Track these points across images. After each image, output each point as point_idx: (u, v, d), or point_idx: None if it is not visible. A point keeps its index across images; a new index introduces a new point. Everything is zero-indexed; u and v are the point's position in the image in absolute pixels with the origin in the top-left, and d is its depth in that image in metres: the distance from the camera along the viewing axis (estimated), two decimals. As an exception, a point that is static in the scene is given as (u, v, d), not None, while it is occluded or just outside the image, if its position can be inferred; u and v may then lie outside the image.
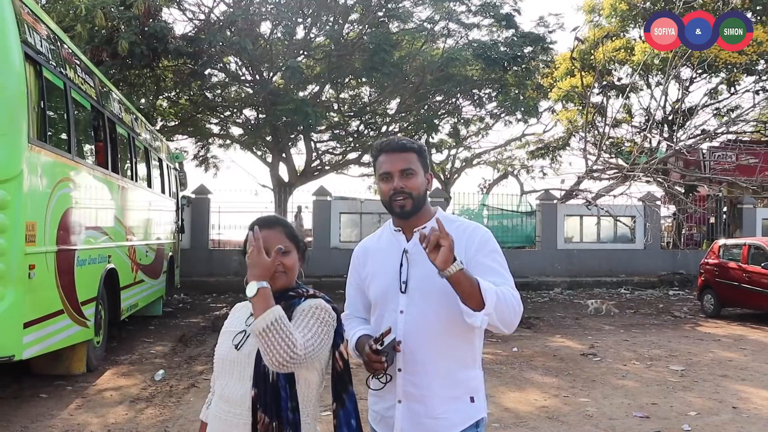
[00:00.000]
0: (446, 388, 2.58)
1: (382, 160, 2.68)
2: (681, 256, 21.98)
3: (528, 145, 30.60)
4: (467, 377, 2.63)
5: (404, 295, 2.60)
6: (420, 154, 2.69)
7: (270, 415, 2.30)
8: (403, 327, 2.58)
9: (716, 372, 9.02)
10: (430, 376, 2.57)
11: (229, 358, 2.41)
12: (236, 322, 2.48)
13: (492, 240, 2.67)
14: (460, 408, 2.59)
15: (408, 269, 2.62)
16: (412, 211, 2.64)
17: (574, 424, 6.57)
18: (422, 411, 2.58)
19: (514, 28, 22.14)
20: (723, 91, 24.73)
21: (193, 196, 20.03)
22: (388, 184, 2.64)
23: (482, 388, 2.69)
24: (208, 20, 18.82)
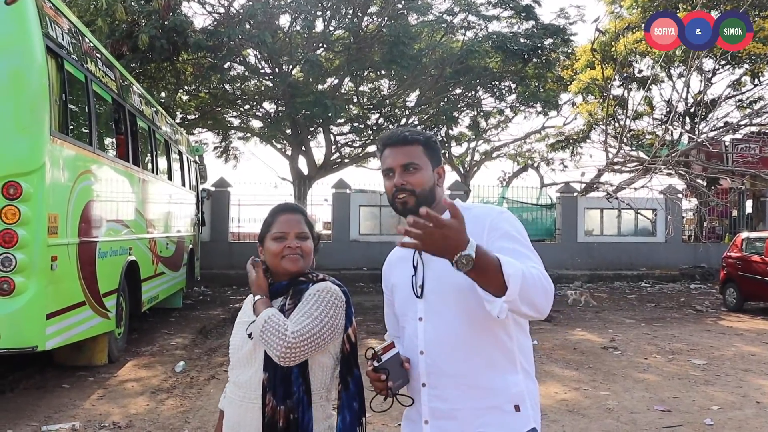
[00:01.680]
0: (480, 399, 2.26)
1: (386, 154, 2.43)
2: (703, 250, 21.78)
3: (548, 138, 30.43)
4: (506, 383, 2.28)
5: (421, 301, 2.35)
6: (426, 146, 2.42)
7: (278, 398, 2.35)
8: (424, 336, 2.33)
9: (739, 366, 8.93)
10: (460, 387, 2.28)
11: (243, 347, 2.45)
12: (249, 313, 2.50)
13: (507, 221, 2.36)
14: (500, 420, 2.25)
15: (423, 271, 2.36)
16: (415, 208, 2.24)
17: (594, 417, 6.53)
18: (453, 428, 2.27)
19: (534, 20, 22.03)
20: (746, 83, 24.44)
21: (213, 188, 20.14)
22: (391, 181, 2.39)
23: (531, 395, 2.33)
24: (227, 13, 18.86)
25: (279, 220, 2.49)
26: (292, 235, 2.46)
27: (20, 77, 6.10)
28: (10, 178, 5.90)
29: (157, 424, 6.28)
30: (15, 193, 5.89)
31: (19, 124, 6.03)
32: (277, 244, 2.46)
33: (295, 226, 2.47)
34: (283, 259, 2.44)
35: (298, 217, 2.52)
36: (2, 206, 5.87)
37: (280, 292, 2.46)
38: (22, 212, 5.92)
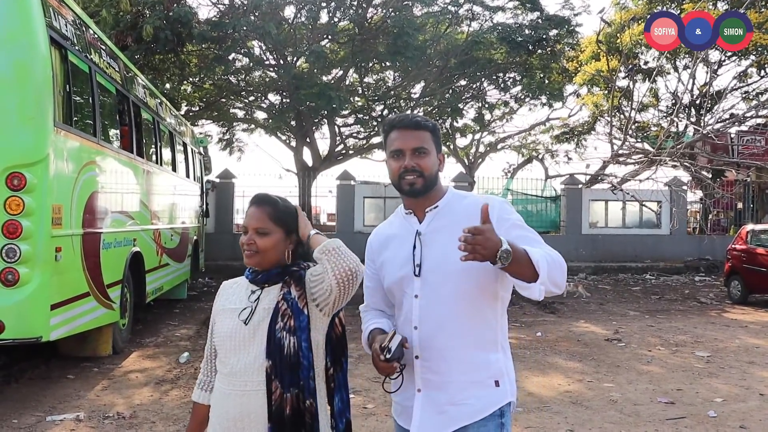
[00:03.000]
0: (467, 373, 2.47)
1: (393, 136, 2.56)
2: (707, 242, 21.73)
3: (553, 130, 30.40)
4: (489, 360, 2.49)
5: (418, 279, 2.50)
6: (434, 133, 2.57)
7: (285, 385, 2.35)
8: (419, 312, 2.49)
9: (743, 359, 8.93)
10: (448, 362, 2.47)
11: (238, 335, 2.43)
12: (235, 300, 2.51)
13: (509, 208, 2.56)
14: (483, 393, 2.47)
15: (421, 251, 2.51)
16: (422, 190, 2.52)
17: (598, 409, 6.54)
18: (443, 398, 2.47)
19: (539, 11, 21.94)
20: (753, 75, 24.41)
21: (218, 180, 20.16)
22: (399, 162, 2.52)
23: (508, 372, 2.55)
24: (232, 4, 18.82)
25: (247, 213, 2.51)
26: (251, 230, 2.46)
27: (24, 68, 6.09)
28: (14, 169, 5.89)
29: (161, 414, 6.31)
30: (19, 184, 5.89)
31: (23, 115, 6.03)
32: (242, 238, 2.50)
33: (255, 221, 2.47)
34: (243, 253, 2.48)
35: (262, 212, 2.48)
36: (6, 197, 5.88)
37: (273, 279, 2.46)
38: (26, 203, 5.92)
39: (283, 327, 2.37)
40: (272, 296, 2.44)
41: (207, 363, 2.64)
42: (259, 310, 2.43)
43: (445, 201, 2.58)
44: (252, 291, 2.48)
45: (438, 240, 2.48)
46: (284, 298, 2.42)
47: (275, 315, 2.39)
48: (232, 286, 2.60)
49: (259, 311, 2.42)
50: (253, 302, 2.44)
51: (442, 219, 2.54)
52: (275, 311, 2.40)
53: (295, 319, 2.39)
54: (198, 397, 2.64)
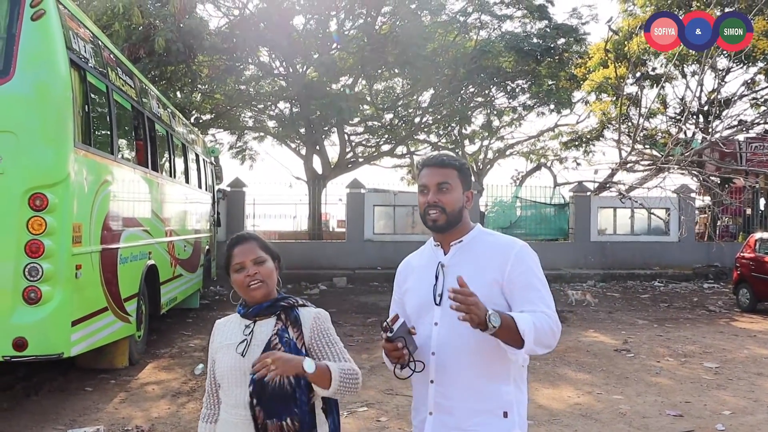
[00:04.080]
0: (476, 401, 2.59)
1: (423, 173, 2.73)
2: (716, 249, 21.75)
3: (561, 136, 30.48)
4: (500, 392, 2.61)
5: (439, 308, 2.64)
6: (460, 171, 2.73)
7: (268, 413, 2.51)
8: (437, 339, 2.63)
9: (751, 370, 9.00)
10: (460, 389, 2.60)
11: (237, 367, 2.58)
12: (230, 336, 2.68)
13: (529, 254, 2.69)
14: (490, 422, 2.58)
15: (444, 282, 2.65)
16: (444, 226, 2.68)
17: (607, 422, 6.64)
18: (451, 423, 2.60)
19: (546, 20, 22.08)
20: (761, 81, 24.41)
21: (229, 189, 20.33)
22: (425, 197, 2.69)
23: (518, 404, 2.66)
24: (242, 15, 19.01)
25: (234, 252, 2.68)
26: (248, 262, 2.63)
27: (46, 90, 6.25)
28: (36, 189, 6.05)
29: (179, 427, 6.45)
30: (41, 204, 6.04)
31: (45, 137, 6.18)
32: (239, 275, 2.65)
33: (249, 254, 2.65)
34: (248, 288, 2.63)
35: (251, 245, 2.68)
36: (29, 218, 6.03)
37: (263, 312, 2.63)
38: (48, 223, 6.08)
39: None
40: (266, 330, 2.61)
41: (209, 397, 2.79)
42: (253, 343, 2.59)
43: (470, 236, 2.73)
44: (246, 325, 2.65)
45: (459, 272, 2.58)
46: (278, 335, 2.58)
47: (267, 348, 2.54)
48: (226, 324, 2.77)
49: (253, 344, 2.58)
50: (247, 335, 2.61)
51: (466, 253, 2.70)
52: (267, 345, 2.56)
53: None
54: (204, 430, 2.78)
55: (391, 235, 21.13)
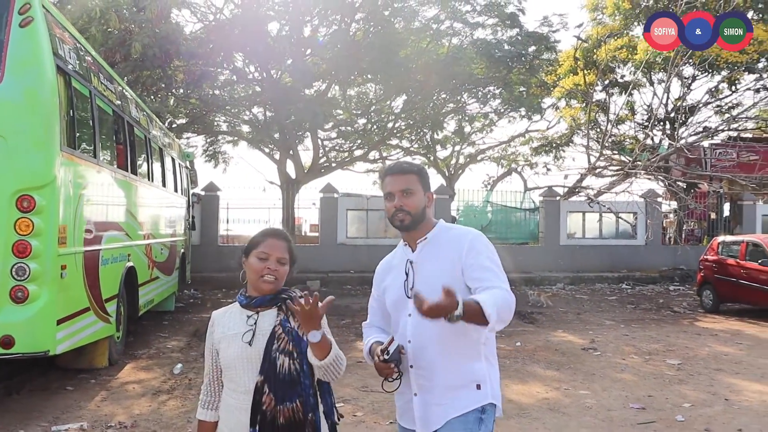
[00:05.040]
0: (451, 379, 2.93)
1: (387, 181, 3.05)
2: (681, 252, 22.30)
3: (532, 142, 30.93)
4: (472, 369, 2.95)
5: (411, 300, 2.90)
6: (420, 175, 3.06)
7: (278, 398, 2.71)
8: (412, 328, 2.98)
9: (711, 366, 9.40)
10: (436, 370, 2.94)
11: (244, 355, 2.78)
12: (233, 326, 2.86)
13: (481, 240, 3.00)
14: (465, 394, 2.92)
15: (413, 277, 3.00)
16: (410, 225, 3.01)
17: (573, 415, 6.95)
18: (432, 400, 2.95)
19: (518, 28, 22.44)
20: (724, 90, 25.01)
21: (203, 193, 20.43)
22: (391, 203, 3.01)
23: (491, 378, 2.99)
24: (218, 21, 19.14)
25: (266, 242, 2.87)
26: (273, 258, 2.83)
27: (34, 96, 6.43)
28: (24, 191, 6.23)
29: (161, 423, 6.63)
30: (29, 206, 6.23)
31: (33, 140, 6.36)
32: (259, 263, 2.83)
33: (278, 250, 2.85)
34: (261, 278, 2.82)
35: (283, 243, 2.89)
36: (16, 218, 6.20)
37: (266, 304, 2.84)
38: (35, 224, 6.26)
39: (278, 349, 2.74)
40: (268, 320, 2.82)
41: (210, 385, 2.98)
42: (258, 332, 2.80)
43: (433, 233, 3.06)
44: (248, 315, 2.86)
45: (426, 267, 2.99)
46: (282, 325, 2.80)
47: (271, 338, 2.77)
48: (225, 314, 2.96)
49: (258, 333, 2.80)
50: (252, 325, 2.82)
51: (430, 249, 3.03)
52: (272, 334, 2.77)
53: (296, 345, 2.76)
54: (205, 416, 2.98)
55: (364, 239, 21.38)
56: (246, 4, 18.96)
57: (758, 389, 8.10)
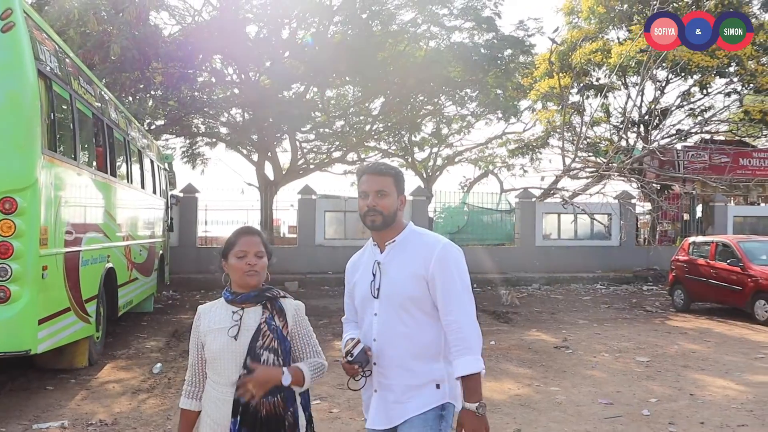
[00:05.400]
0: (410, 378, 3.03)
1: (363, 179, 3.12)
2: (655, 253, 22.69)
3: (508, 144, 31.22)
4: (431, 369, 3.04)
5: (377, 300, 3.08)
6: (396, 179, 3.12)
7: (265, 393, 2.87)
8: (377, 328, 3.08)
9: (679, 363, 9.67)
10: (396, 369, 3.04)
11: (229, 349, 2.95)
12: (219, 321, 3.03)
13: (451, 253, 3.06)
14: (424, 393, 3.02)
15: (380, 278, 3.09)
16: (381, 226, 3.08)
17: (544, 410, 7.17)
18: (391, 398, 3.06)
19: (494, 31, 22.71)
20: (696, 93, 25.42)
21: (182, 194, 20.47)
22: (364, 201, 3.08)
23: (450, 378, 3.05)
24: (196, 23, 19.21)
25: (241, 240, 3.05)
26: (251, 253, 3.01)
27: (15, 100, 6.54)
28: (6, 194, 6.35)
29: (141, 421, 6.75)
30: (11, 207, 6.34)
31: (15, 143, 6.48)
32: (240, 261, 3.00)
33: (253, 246, 3.02)
34: (245, 274, 2.99)
35: (256, 239, 3.06)
36: (-1, 220, 6.32)
37: (251, 300, 3.01)
38: (17, 225, 6.38)
39: (263, 346, 2.93)
40: (254, 316, 3.00)
41: (194, 376, 3.14)
42: (243, 328, 2.97)
43: (402, 236, 3.13)
44: (233, 311, 3.03)
45: (392, 270, 3.07)
46: (267, 322, 2.98)
47: (257, 334, 2.95)
48: (211, 309, 3.12)
49: (243, 329, 2.97)
50: (237, 321, 2.99)
51: (397, 252, 3.11)
52: (257, 331, 2.95)
53: (280, 343, 2.96)
54: (188, 405, 3.14)
55: (341, 240, 21.55)
56: (224, 6, 19.05)
57: (722, 384, 8.39)
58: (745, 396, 7.83)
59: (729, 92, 24.78)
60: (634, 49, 21.96)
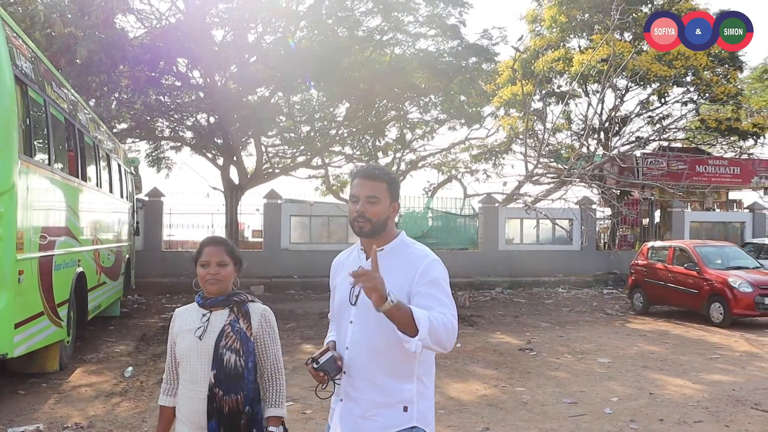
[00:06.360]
0: (378, 395, 2.87)
1: (355, 183, 2.96)
2: (614, 257, 23.20)
3: (471, 149, 31.51)
4: (401, 389, 2.87)
5: (354, 308, 2.94)
6: (389, 184, 2.95)
7: (225, 390, 3.04)
8: (351, 336, 2.93)
9: (639, 363, 10.03)
10: (365, 382, 2.88)
11: (196, 349, 3.13)
12: (189, 322, 3.19)
13: (436, 268, 2.90)
14: (390, 414, 2.85)
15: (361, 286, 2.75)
16: (369, 233, 2.91)
17: (510, 410, 7.42)
18: (357, 411, 2.90)
19: (459, 39, 22.94)
20: (655, 101, 25.98)
21: (147, 198, 20.42)
22: (354, 206, 2.92)
23: (419, 401, 2.91)
24: (162, 27, 19.16)
25: (205, 250, 3.21)
26: (213, 263, 3.16)
27: (-7, 106, 6.60)
28: (-17, 199, 6.41)
29: (117, 423, 6.83)
30: (-12, 212, 6.40)
31: (-7, 149, 6.54)
32: (202, 270, 3.17)
33: (215, 256, 3.17)
34: (205, 282, 3.16)
35: (219, 248, 3.20)
36: (-24, 225, 6.37)
37: (218, 305, 3.18)
38: (-6, 230, 6.44)
39: (225, 346, 3.09)
40: (220, 319, 3.17)
41: (169, 374, 3.32)
42: (209, 329, 3.15)
43: (391, 246, 2.97)
44: (203, 314, 3.21)
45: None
46: (231, 324, 3.13)
47: (221, 335, 3.12)
48: (185, 312, 3.30)
49: (209, 330, 3.14)
50: (204, 323, 3.17)
51: (384, 261, 2.81)
52: (221, 332, 3.12)
53: (243, 344, 3.11)
54: (165, 402, 3.31)
55: (307, 244, 21.70)
56: (190, 10, 19.03)
57: (680, 383, 8.75)
58: (701, 394, 8.19)
59: (686, 101, 25.43)
60: (596, 58, 22.45)
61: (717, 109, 26.56)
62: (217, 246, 3.22)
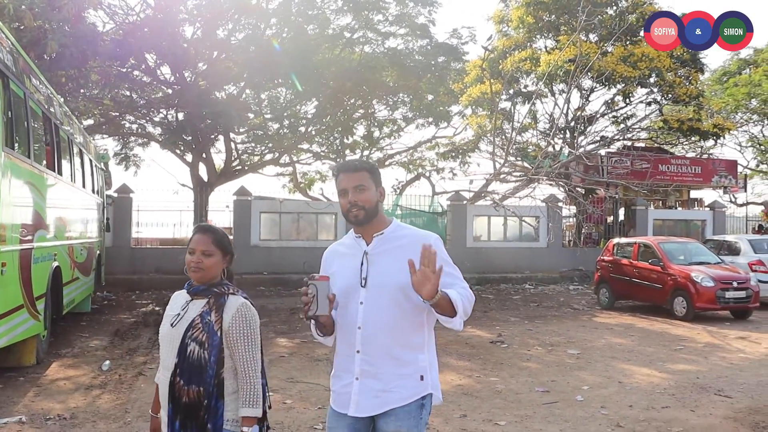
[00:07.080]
0: (397, 367, 3.08)
1: (340, 178, 3.16)
2: (580, 254, 23.59)
3: (438, 147, 31.75)
4: (416, 359, 3.11)
5: (364, 289, 3.10)
6: (371, 172, 3.18)
7: (186, 380, 3.03)
8: (363, 316, 3.09)
9: (607, 354, 10.34)
10: (383, 357, 3.07)
11: (168, 335, 3.18)
12: (176, 307, 3.19)
13: (440, 245, 3.12)
14: (410, 384, 3.08)
15: (368, 268, 3.12)
16: (365, 220, 3.12)
17: (486, 398, 7.64)
18: (377, 386, 3.07)
19: (428, 38, 23.20)
20: (619, 102, 26.41)
21: (116, 195, 20.31)
22: (345, 199, 3.12)
23: (431, 369, 3.18)
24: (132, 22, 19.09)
25: (194, 238, 3.20)
26: (198, 251, 3.14)
27: (-24, 99, 6.63)
28: (-34, 191, 6.43)
29: (99, 415, 6.89)
30: (-29, 205, 6.43)
31: (-24, 142, 6.56)
32: (188, 256, 3.16)
33: (201, 244, 3.15)
34: (189, 269, 3.15)
35: (207, 237, 3.18)
36: (-40, 218, 6.39)
37: (199, 294, 3.19)
38: (-23, 223, 6.46)
39: (191, 336, 3.09)
40: (195, 308, 3.18)
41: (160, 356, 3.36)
42: (185, 317, 3.13)
43: (390, 229, 3.20)
44: (186, 301, 3.25)
45: (382, 260, 3.12)
46: (202, 315, 3.09)
47: (189, 325, 3.14)
48: (177, 296, 3.34)
49: (184, 318, 3.13)
50: (183, 311, 3.20)
51: (387, 244, 3.16)
52: (191, 323, 3.09)
53: (209, 337, 3.04)
54: (157, 380, 3.35)
55: (277, 241, 21.77)
56: (160, 6, 18.97)
57: (646, 372, 9.06)
58: (667, 382, 8.51)
59: (650, 102, 25.93)
60: (562, 59, 22.81)
61: (679, 109, 27.20)
62: (205, 234, 3.21)
